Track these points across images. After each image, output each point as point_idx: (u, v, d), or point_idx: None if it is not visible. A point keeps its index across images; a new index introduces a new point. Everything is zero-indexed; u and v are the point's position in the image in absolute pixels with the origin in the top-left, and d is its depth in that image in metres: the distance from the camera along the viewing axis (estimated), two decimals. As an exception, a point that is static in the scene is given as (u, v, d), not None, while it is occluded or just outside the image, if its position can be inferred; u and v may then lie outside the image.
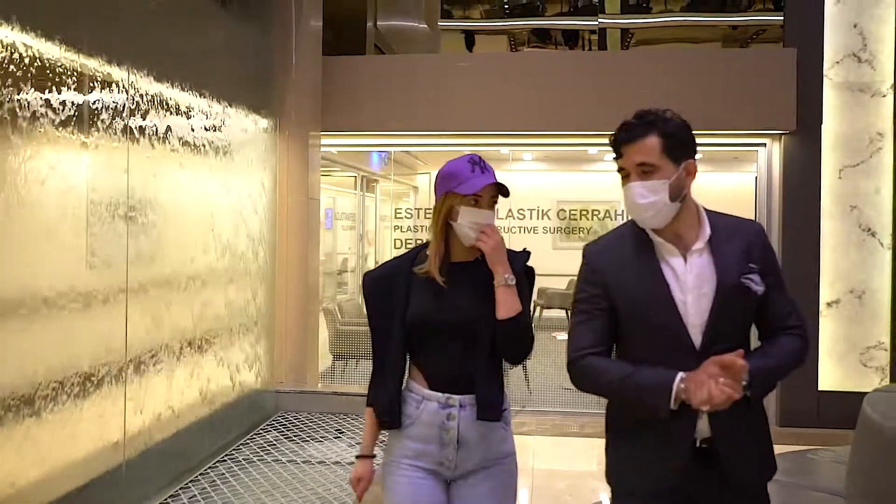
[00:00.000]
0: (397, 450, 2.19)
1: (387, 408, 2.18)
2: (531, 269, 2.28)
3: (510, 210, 8.32)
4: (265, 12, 5.47)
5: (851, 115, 6.09)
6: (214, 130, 4.66)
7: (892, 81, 6.04)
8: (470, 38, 13.30)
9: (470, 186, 2.11)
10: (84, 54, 3.31)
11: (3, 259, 2.87)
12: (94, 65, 3.40)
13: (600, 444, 2.15)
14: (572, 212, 13.07)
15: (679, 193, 1.91)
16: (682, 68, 6.28)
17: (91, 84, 3.38)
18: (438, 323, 2.14)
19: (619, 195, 2.01)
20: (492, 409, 2.16)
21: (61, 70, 3.15)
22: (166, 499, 3.88)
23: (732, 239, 1.94)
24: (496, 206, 2.20)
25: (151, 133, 3.93)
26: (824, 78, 6.09)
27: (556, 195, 13.40)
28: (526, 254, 2.28)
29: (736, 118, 6.22)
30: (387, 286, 2.19)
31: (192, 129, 4.37)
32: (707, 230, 1.95)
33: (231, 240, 4.90)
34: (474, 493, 2.18)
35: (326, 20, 6.25)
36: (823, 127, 6.09)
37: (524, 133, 7.05)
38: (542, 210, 12.99)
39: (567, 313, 12.37)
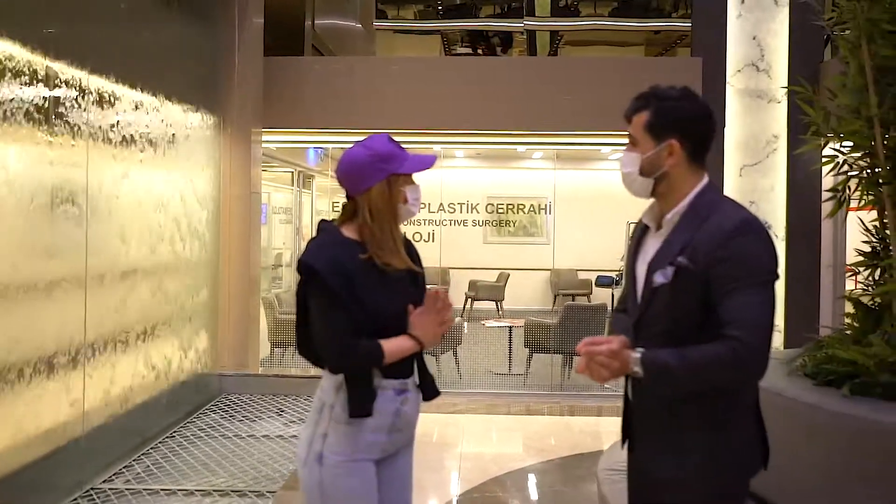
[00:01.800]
0: (350, 446, 2.09)
1: (364, 398, 2.08)
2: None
3: (441, 205, 8.69)
4: (209, 11, 5.73)
5: (750, 120, 6.71)
6: (158, 126, 4.89)
7: (786, 89, 6.69)
8: (404, 38, 13.68)
9: (411, 163, 2.13)
10: (27, 49, 3.43)
11: None
12: (37, 60, 3.50)
13: (526, 421, 2.32)
14: (500, 206, 13.61)
15: (653, 170, 1.93)
16: (600, 74, 6.81)
17: (31, 79, 3.48)
18: (396, 312, 2.11)
19: (547, 191, 2.21)
20: (434, 386, 2.27)
21: (14, 65, 3.33)
22: (122, 468, 4.16)
23: (693, 228, 1.88)
24: None
25: (92, 127, 4.10)
26: (727, 85, 6.69)
27: (487, 191, 13.91)
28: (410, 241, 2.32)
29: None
30: (344, 272, 2.05)
31: (136, 125, 4.60)
32: (676, 214, 1.93)
33: (176, 232, 5.16)
34: (397, 471, 2.23)
35: (265, 20, 6.52)
36: (726, 130, 6.69)
37: (455, 131, 7.45)
38: (473, 205, 13.47)
39: (496, 305, 12.92)
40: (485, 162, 13.20)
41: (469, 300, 12.79)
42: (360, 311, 2.06)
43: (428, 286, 2.30)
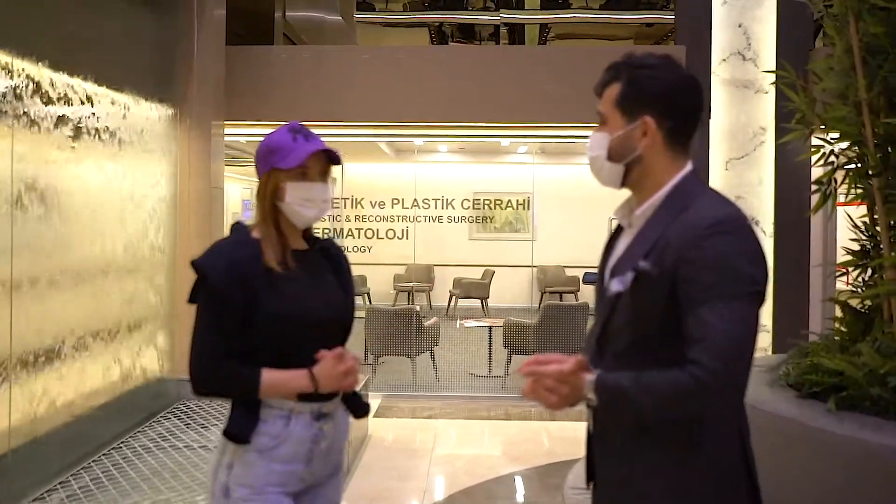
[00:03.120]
0: (258, 479, 1.84)
1: (242, 421, 1.84)
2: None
3: (415, 200, 8.43)
4: (167, 1, 5.44)
5: (737, 111, 6.43)
6: (109, 118, 4.63)
7: (773, 78, 6.41)
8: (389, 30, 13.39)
9: (294, 158, 1.85)
10: None
11: None
12: None
13: (503, 426, 2.05)
14: (485, 202, 13.33)
15: (623, 154, 1.62)
16: (583, 64, 6.50)
17: None
18: (311, 322, 1.89)
19: (532, 186, 1.83)
20: (363, 404, 2.05)
21: None
22: (56, 485, 3.87)
23: (665, 224, 1.56)
24: (330, 179, 1.96)
25: (41, 120, 3.89)
26: (712, 75, 6.42)
27: (472, 186, 13.62)
28: (334, 241, 2.12)
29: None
30: (240, 276, 1.80)
31: (86, 117, 4.34)
32: (649, 208, 1.61)
33: (129, 230, 4.89)
34: (322, 502, 2.00)
35: (234, 10, 6.24)
36: (711, 122, 6.42)
37: (435, 123, 7.14)
38: (458, 201, 13.19)
39: (482, 303, 12.65)
40: (468, 157, 12.92)
41: (454, 298, 12.53)
42: (255, 317, 1.81)
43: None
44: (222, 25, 5.96)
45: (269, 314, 1.82)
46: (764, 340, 6.51)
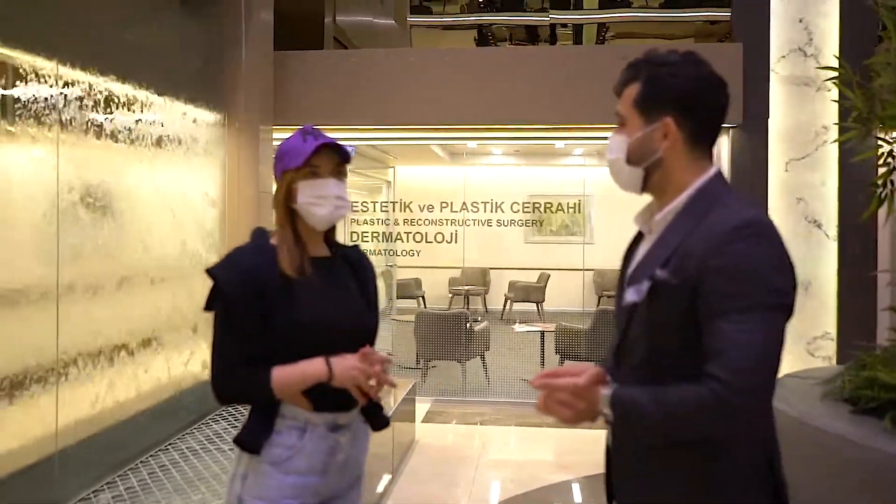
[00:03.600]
0: (272, 491, 1.81)
1: (255, 428, 1.82)
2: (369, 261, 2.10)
3: (464, 204, 8.35)
4: (214, 8, 5.51)
5: (797, 109, 6.18)
6: (160, 125, 4.70)
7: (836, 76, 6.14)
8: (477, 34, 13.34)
9: (302, 155, 1.83)
10: (29, 52, 3.43)
11: None
12: (40, 61, 3.49)
13: (556, 433, 1.97)
14: (541, 205, 13.16)
15: (643, 157, 1.55)
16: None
17: (35, 78, 3.45)
18: (327, 329, 1.84)
19: (589, 188, 1.73)
20: (383, 416, 2.02)
21: (26, 69, 3.32)
22: (103, 486, 3.93)
23: (685, 230, 1.48)
24: (344, 176, 1.92)
25: (94, 127, 3.97)
26: (771, 72, 6.18)
27: (527, 189, 13.48)
28: (359, 249, 2.10)
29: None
30: (257, 285, 1.79)
31: (138, 124, 4.42)
32: (669, 213, 1.54)
33: (179, 234, 4.95)
34: None
35: (283, 15, 6.29)
36: (770, 121, 6.18)
37: (489, 126, 7.02)
38: (513, 204, 13.06)
39: (537, 307, 12.50)
40: (523, 159, 12.79)
41: (509, 301, 12.43)
42: (271, 324, 1.79)
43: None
44: (270, 32, 6.01)
45: (285, 321, 1.79)
46: (828, 349, 6.25)
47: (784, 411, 2.90)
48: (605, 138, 7.41)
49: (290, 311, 1.80)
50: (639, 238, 1.70)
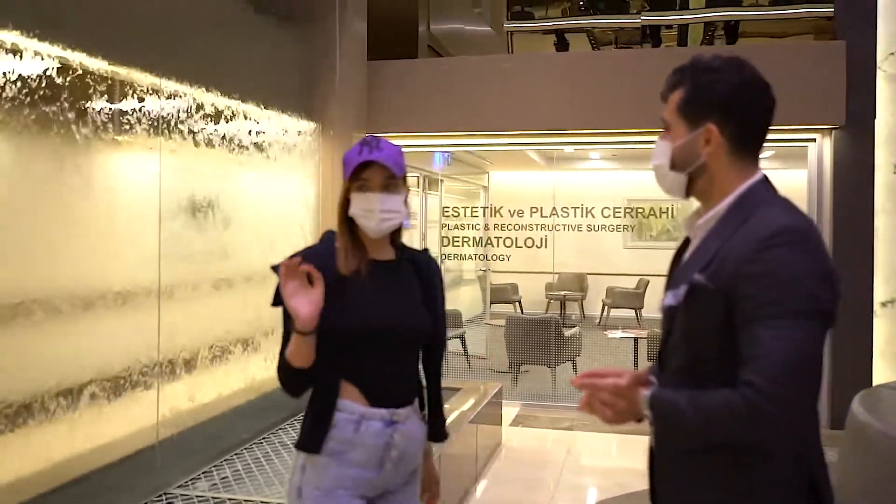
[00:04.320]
0: (328, 481, 1.89)
1: (313, 431, 1.91)
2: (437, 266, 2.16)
3: (554, 209, 8.31)
4: (310, 22, 5.74)
5: (906, 108, 5.87)
6: (259, 134, 4.95)
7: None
8: (556, 38, 13.32)
9: (350, 169, 1.92)
10: (135, 68, 3.75)
11: (83, 257, 3.38)
12: (147, 77, 3.83)
13: (641, 441, 2.00)
14: (640, 210, 12.92)
15: (687, 162, 1.56)
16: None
17: (140, 93, 3.76)
18: (376, 331, 1.92)
19: None
20: (443, 431, 2.12)
21: (131, 84, 3.67)
22: (199, 475, 4.17)
23: (726, 235, 1.48)
24: (397, 189, 1.95)
25: (195, 137, 4.25)
26: (877, 70, 5.89)
27: (627, 193, 13.25)
28: (428, 253, 2.16)
29: (785, 113, 6.06)
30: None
31: (239, 133, 4.68)
32: (712, 219, 1.55)
33: (277, 238, 5.19)
34: None
35: (378, 25, 6.48)
36: (876, 122, 5.90)
37: (586, 130, 6.94)
38: (612, 208, 12.89)
39: (635, 313, 12.28)
40: (622, 163, 12.60)
41: (606, 308, 12.26)
42: (326, 322, 1.85)
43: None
44: (363, 43, 6.20)
45: (337, 320, 1.87)
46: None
47: (867, 423, 2.79)
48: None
49: (342, 311, 1.87)
50: (686, 243, 1.70)
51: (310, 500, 1.90)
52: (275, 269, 1.90)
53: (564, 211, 7.93)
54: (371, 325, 1.91)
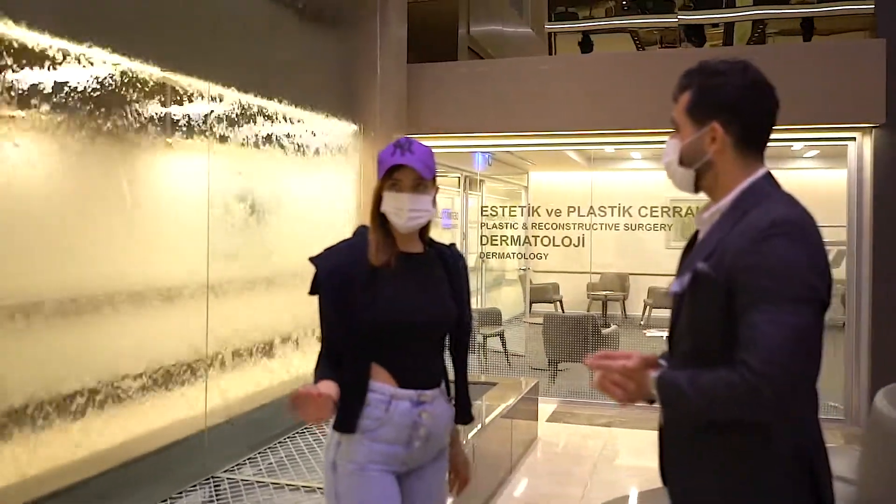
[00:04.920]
0: (361, 456, 2.03)
1: (348, 412, 2.03)
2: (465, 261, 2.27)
3: (591, 208, 8.35)
4: (351, 27, 5.92)
5: (949, 106, 5.81)
6: (302, 136, 5.15)
7: None
8: (581, 38, 13.38)
9: (383, 169, 2.07)
10: (196, 77, 4.02)
11: (138, 254, 3.61)
12: (195, 82, 4.04)
13: None
14: (683, 209, 12.83)
15: (694, 159, 1.68)
16: (770, 62, 6.16)
17: (191, 97, 3.98)
18: (406, 322, 2.05)
19: None
20: (466, 412, 2.24)
21: (184, 89, 3.92)
22: (244, 460, 4.37)
23: (728, 228, 1.58)
24: (426, 189, 2.07)
25: (242, 139, 4.46)
26: (921, 68, 5.85)
27: (670, 193, 13.15)
28: (454, 248, 2.27)
29: (825, 111, 6.06)
30: (345, 278, 2.02)
31: (284, 135, 4.89)
32: (717, 212, 1.66)
33: (320, 236, 5.37)
34: (425, 484, 2.17)
35: (419, 29, 6.63)
36: (920, 120, 5.85)
37: (626, 130, 6.98)
38: (650, 208, 12.84)
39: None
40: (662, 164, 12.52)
41: (648, 308, 12.23)
42: (356, 311, 2.01)
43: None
44: (403, 46, 6.36)
45: (366, 309, 2.01)
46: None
47: (889, 417, 2.84)
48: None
49: (372, 300, 2.01)
50: (696, 236, 1.81)
51: (344, 474, 2.04)
52: (312, 260, 2.07)
53: (602, 210, 7.96)
54: (400, 314, 2.04)
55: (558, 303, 12.15)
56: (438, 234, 7.79)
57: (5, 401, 2.92)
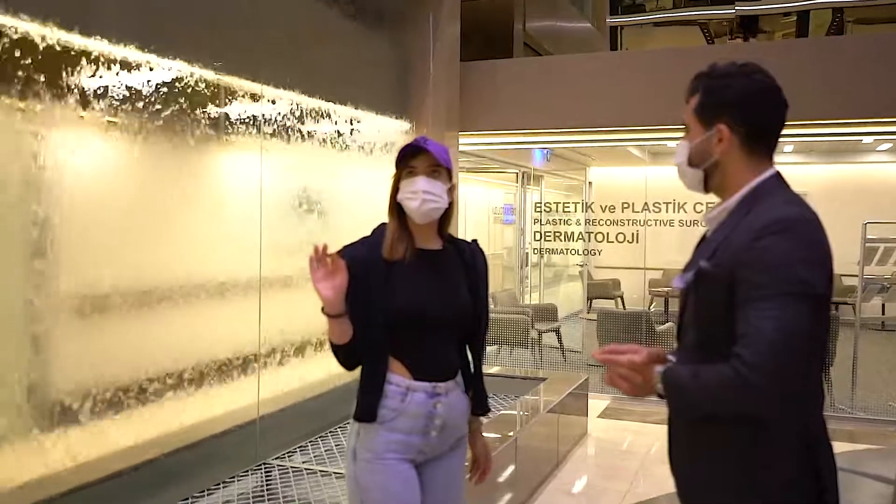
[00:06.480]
0: (379, 445, 2.11)
1: (366, 402, 2.11)
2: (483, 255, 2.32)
3: (646, 204, 8.27)
4: (404, 26, 6.03)
5: None
6: (358, 134, 5.30)
7: None
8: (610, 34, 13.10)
9: (400, 157, 2.14)
10: (251, 79, 4.22)
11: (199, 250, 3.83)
12: (247, 84, 4.23)
13: None
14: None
15: (702, 160, 1.71)
16: (840, 55, 5.99)
17: (244, 98, 4.17)
18: (419, 316, 2.11)
19: (799, 188, 1.85)
20: (482, 402, 2.32)
21: (236, 91, 4.13)
22: (295, 448, 4.54)
23: (731, 226, 1.63)
24: (439, 175, 2.14)
25: (295, 137, 4.62)
26: None
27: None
28: (476, 243, 2.32)
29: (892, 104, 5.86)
30: (362, 270, 2.08)
31: (334, 133, 5.04)
32: (723, 211, 1.70)
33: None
34: (443, 473, 2.23)
35: (474, 26, 6.71)
36: None
37: (667, 126, 6.95)
38: (711, 204, 12.57)
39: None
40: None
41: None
42: (372, 305, 2.08)
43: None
44: (456, 45, 6.44)
45: (382, 302, 2.08)
46: None
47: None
48: (818, 134, 6.96)
49: (387, 294, 2.08)
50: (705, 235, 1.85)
51: (363, 462, 2.12)
52: (339, 253, 2.15)
53: (656, 206, 7.89)
54: (414, 308, 2.10)
55: (619, 299, 12.05)
56: (501, 230, 8.01)
57: (100, 384, 3.23)
